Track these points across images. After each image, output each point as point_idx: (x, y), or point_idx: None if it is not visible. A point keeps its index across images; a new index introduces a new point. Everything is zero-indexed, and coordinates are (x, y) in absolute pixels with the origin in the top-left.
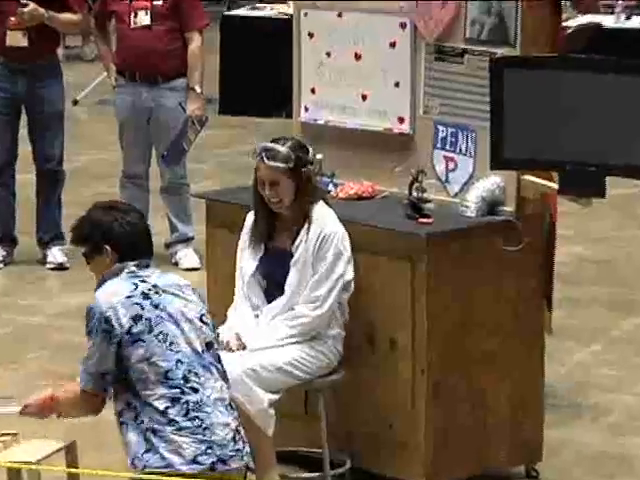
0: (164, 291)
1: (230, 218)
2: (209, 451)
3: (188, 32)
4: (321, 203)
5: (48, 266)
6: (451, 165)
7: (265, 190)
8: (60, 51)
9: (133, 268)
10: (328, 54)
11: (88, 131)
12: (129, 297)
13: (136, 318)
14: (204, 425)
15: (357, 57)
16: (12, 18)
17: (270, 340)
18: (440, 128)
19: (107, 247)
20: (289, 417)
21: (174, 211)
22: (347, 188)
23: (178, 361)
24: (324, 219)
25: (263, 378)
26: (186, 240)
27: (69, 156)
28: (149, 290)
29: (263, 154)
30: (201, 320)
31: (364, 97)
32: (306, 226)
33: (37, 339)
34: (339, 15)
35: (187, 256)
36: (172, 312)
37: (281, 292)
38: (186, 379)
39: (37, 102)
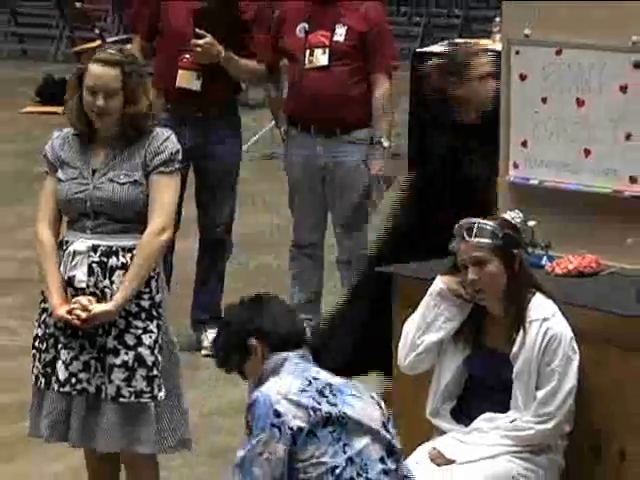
0: (340, 392)
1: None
2: None
3: (374, 74)
4: (538, 295)
5: (204, 352)
6: None
7: (469, 274)
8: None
9: (297, 360)
10: (544, 100)
11: (252, 190)
12: (303, 391)
13: (311, 411)
14: None
15: (579, 104)
16: (187, 56)
17: (480, 450)
18: None
19: (253, 341)
20: None
21: None
22: (565, 262)
23: (349, 459)
24: (547, 316)
25: None
26: None
27: None
28: (324, 388)
29: (464, 231)
30: (384, 427)
31: (588, 152)
32: (525, 326)
33: None
34: (558, 53)
35: None
36: (351, 415)
37: (485, 401)
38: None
39: (209, 158)
